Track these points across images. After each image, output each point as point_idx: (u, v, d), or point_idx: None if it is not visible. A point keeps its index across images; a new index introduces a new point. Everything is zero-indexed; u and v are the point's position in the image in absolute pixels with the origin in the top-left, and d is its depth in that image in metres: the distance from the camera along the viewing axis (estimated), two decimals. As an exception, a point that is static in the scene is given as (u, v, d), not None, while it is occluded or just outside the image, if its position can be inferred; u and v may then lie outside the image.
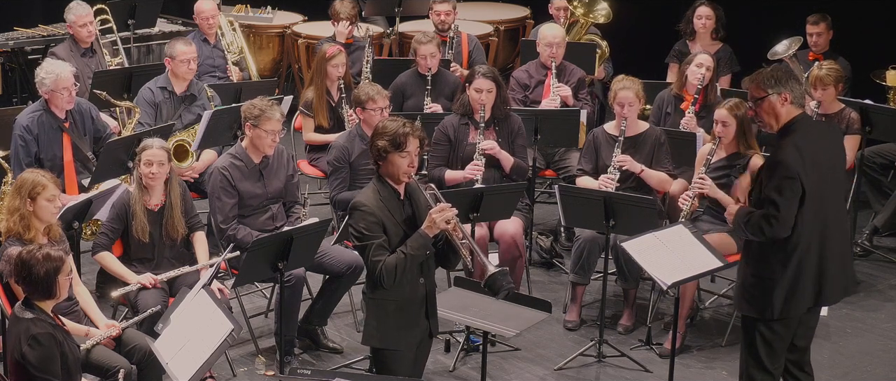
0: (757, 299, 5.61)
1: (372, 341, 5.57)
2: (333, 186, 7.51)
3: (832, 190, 5.61)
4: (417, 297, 5.51)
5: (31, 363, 5.24)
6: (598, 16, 9.63)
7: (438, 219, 5.34)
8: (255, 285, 7.68)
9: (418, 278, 5.49)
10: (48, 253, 5.31)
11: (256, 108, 6.97)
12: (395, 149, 5.41)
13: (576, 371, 7.01)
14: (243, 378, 6.88)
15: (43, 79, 7.50)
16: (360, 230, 5.42)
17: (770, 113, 5.56)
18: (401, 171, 5.44)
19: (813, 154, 5.47)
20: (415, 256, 5.37)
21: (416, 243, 5.37)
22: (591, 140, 7.64)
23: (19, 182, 6.11)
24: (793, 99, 5.53)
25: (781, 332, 5.64)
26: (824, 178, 5.52)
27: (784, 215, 5.43)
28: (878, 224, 8.66)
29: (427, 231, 5.36)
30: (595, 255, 7.36)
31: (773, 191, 5.44)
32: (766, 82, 5.55)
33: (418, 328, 5.56)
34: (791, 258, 5.52)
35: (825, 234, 5.56)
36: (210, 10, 9.56)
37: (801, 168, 5.41)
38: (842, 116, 8.07)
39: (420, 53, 8.73)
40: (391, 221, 5.43)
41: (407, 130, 5.43)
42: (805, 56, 9.21)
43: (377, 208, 5.40)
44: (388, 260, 5.36)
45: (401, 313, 5.49)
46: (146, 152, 6.61)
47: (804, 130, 5.54)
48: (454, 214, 5.36)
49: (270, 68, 10.98)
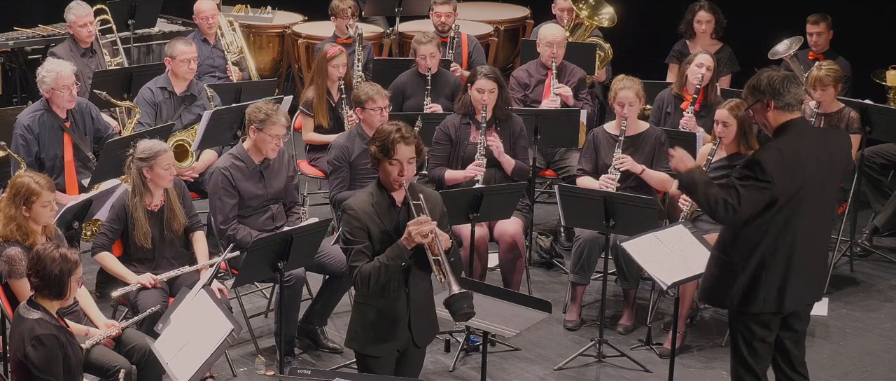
0: (718, 289, 5.65)
1: (353, 344, 5.56)
2: (333, 185, 7.51)
3: (816, 199, 5.53)
4: (400, 306, 5.44)
5: (34, 364, 5.24)
6: (603, 19, 9.62)
7: (415, 232, 5.25)
8: (255, 285, 7.68)
9: (403, 288, 5.42)
10: (65, 254, 5.30)
11: (262, 112, 6.94)
12: (384, 156, 5.33)
13: (576, 371, 7.02)
14: (243, 378, 6.88)
15: (44, 77, 7.51)
16: (345, 233, 5.39)
17: (760, 119, 5.61)
18: (391, 178, 5.35)
19: (797, 161, 5.44)
20: (390, 266, 5.29)
21: (392, 253, 5.29)
22: (591, 140, 7.64)
23: (14, 189, 6.04)
24: (778, 105, 5.51)
25: (759, 332, 5.63)
26: (807, 186, 5.47)
27: (742, 209, 5.41)
28: (878, 224, 8.66)
29: (404, 243, 5.28)
30: (595, 255, 7.36)
31: (740, 182, 5.43)
32: (749, 91, 5.61)
33: (399, 338, 5.49)
34: (753, 256, 5.51)
35: (796, 241, 5.51)
36: (210, 10, 9.56)
37: (776, 174, 5.38)
38: (842, 115, 8.07)
39: (420, 53, 8.74)
40: (378, 227, 5.35)
41: (396, 137, 5.31)
42: (805, 56, 9.21)
43: (364, 213, 5.34)
44: (363, 268, 5.30)
45: (382, 320, 5.44)
46: (162, 158, 6.55)
47: (795, 135, 5.51)
48: (432, 228, 5.26)
49: (270, 68, 10.98)
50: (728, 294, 5.61)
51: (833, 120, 8.00)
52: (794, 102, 5.54)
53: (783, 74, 5.59)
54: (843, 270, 8.31)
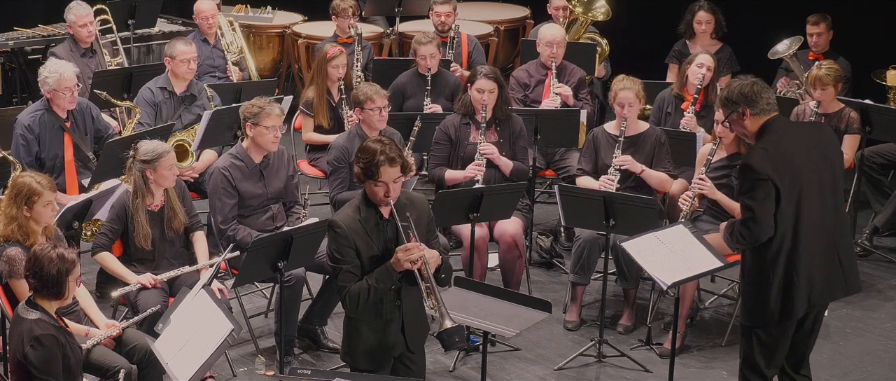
0: (755, 309, 5.62)
1: (346, 359, 5.57)
2: (333, 186, 7.51)
3: (817, 194, 5.54)
4: (393, 319, 5.44)
5: (33, 365, 5.23)
6: (598, 14, 9.63)
7: (403, 259, 5.24)
8: (255, 285, 7.68)
9: (395, 302, 5.42)
10: (62, 254, 5.29)
11: (255, 106, 6.97)
12: (368, 177, 5.29)
13: (576, 371, 7.02)
14: (243, 378, 6.88)
15: (46, 78, 7.51)
16: (332, 252, 5.36)
17: (739, 129, 5.66)
18: (377, 198, 5.32)
19: (784, 155, 5.46)
20: (378, 289, 5.29)
21: (381, 275, 5.29)
22: (591, 140, 7.64)
23: (15, 189, 6.04)
24: (754, 112, 5.55)
25: (779, 337, 5.64)
26: (800, 178, 5.48)
27: (760, 216, 5.43)
28: (878, 224, 8.66)
29: (394, 266, 5.27)
30: (595, 255, 7.36)
31: (745, 196, 5.49)
32: (722, 104, 5.68)
33: (392, 349, 5.50)
34: (778, 262, 5.51)
35: (809, 240, 5.52)
36: (210, 10, 9.57)
37: (769, 169, 5.40)
38: (842, 115, 8.08)
39: (420, 54, 8.74)
40: (366, 244, 5.34)
41: (381, 159, 5.23)
42: (805, 56, 9.22)
43: (351, 231, 5.31)
44: (352, 288, 5.29)
45: (373, 335, 5.44)
46: (165, 159, 6.55)
47: (774, 132, 5.53)
48: (420, 255, 5.24)
49: (270, 68, 10.99)
50: (766, 310, 5.57)
51: (833, 120, 8.01)
52: (768, 106, 5.58)
53: (752, 81, 5.64)
54: (843, 270, 8.32)
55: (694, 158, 7.50)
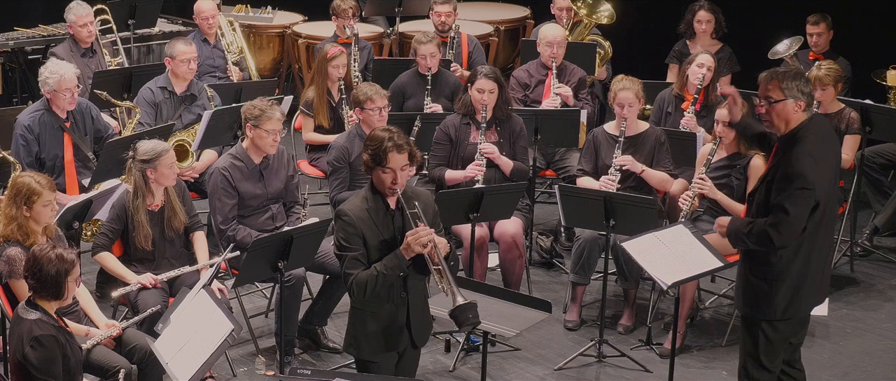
0: (761, 299, 5.60)
1: (350, 349, 5.56)
2: (333, 186, 7.51)
3: (833, 195, 5.59)
4: (398, 310, 5.43)
5: (33, 365, 5.23)
6: (602, 17, 9.62)
7: (414, 243, 5.24)
8: (255, 285, 7.68)
9: (401, 293, 5.41)
10: (61, 254, 5.29)
11: (256, 108, 6.97)
12: (376, 164, 5.30)
13: (576, 371, 7.02)
14: (243, 378, 6.88)
15: (47, 78, 7.51)
16: (339, 240, 5.35)
17: (782, 117, 5.46)
18: (385, 186, 5.33)
19: (824, 160, 5.44)
20: (387, 275, 5.28)
21: (390, 263, 5.28)
22: (591, 140, 7.64)
23: (15, 189, 6.04)
24: (806, 106, 5.48)
25: (785, 331, 5.65)
26: (829, 185, 5.48)
27: (796, 224, 5.38)
28: (878, 224, 8.66)
29: (404, 253, 5.26)
30: (595, 255, 7.36)
31: (786, 200, 5.36)
32: (788, 86, 5.41)
33: (397, 341, 5.49)
34: (796, 259, 5.50)
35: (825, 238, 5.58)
36: (210, 10, 9.56)
37: (817, 178, 5.35)
38: (842, 116, 8.08)
39: (420, 53, 8.74)
40: (373, 232, 5.33)
41: (389, 146, 5.26)
42: (805, 56, 9.21)
43: (359, 219, 5.31)
44: (360, 275, 5.28)
45: (379, 325, 5.43)
46: (165, 157, 6.55)
47: (815, 134, 5.45)
48: (430, 238, 5.24)
49: (270, 68, 10.98)
50: (773, 304, 5.56)
51: (833, 120, 8.00)
52: (812, 103, 5.54)
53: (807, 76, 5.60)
54: (843, 270, 8.31)
55: (694, 158, 7.50)
